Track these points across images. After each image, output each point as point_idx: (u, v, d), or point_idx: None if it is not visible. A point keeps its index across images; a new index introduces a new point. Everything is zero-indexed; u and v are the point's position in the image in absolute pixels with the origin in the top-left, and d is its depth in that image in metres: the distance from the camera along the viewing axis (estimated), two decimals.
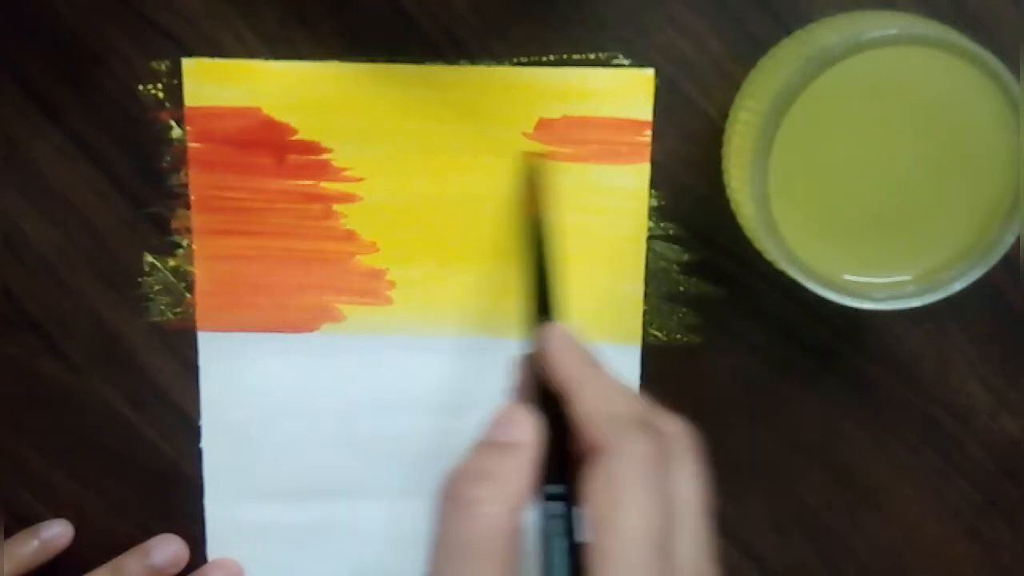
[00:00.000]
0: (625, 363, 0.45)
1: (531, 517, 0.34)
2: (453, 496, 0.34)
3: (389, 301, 0.46)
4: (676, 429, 0.36)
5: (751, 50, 0.42)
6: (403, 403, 0.46)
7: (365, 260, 0.45)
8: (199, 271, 0.45)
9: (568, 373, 0.36)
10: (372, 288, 0.45)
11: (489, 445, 0.35)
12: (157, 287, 0.46)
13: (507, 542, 0.33)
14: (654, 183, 0.44)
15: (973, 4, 0.42)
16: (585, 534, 0.33)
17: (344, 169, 0.44)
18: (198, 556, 0.47)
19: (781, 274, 0.38)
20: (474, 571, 0.33)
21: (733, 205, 0.41)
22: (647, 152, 0.44)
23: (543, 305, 0.39)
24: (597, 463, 0.33)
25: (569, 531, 0.34)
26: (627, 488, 0.33)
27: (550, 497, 0.35)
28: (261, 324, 0.46)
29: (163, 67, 0.44)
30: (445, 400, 0.46)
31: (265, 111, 0.44)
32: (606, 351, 0.45)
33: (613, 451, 0.33)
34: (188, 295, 0.46)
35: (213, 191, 0.45)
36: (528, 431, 0.35)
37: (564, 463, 0.35)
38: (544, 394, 0.37)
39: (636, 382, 0.46)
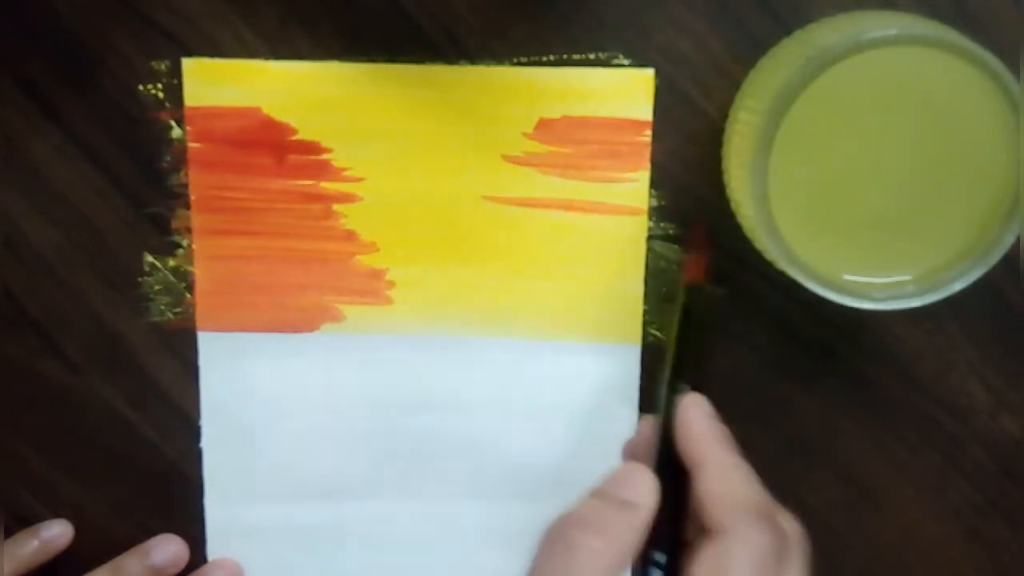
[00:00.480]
0: (625, 363, 0.45)
1: None
2: (563, 537, 0.34)
3: (389, 301, 0.45)
4: (794, 529, 0.35)
5: (751, 50, 0.42)
6: (403, 403, 0.46)
7: (365, 260, 0.45)
8: (199, 271, 0.45)
9: (699, 449, 0.36)
10: (372, 288, 0.45)
11: (605, 497, 0.35)
12: (157, 287, 0.46)
13: None
14: (654, 183, 0.44)
15: (973, 4, 0.42)
16: None
17: (344, 169, 0.44)
18: (198, 556, 0.47)
19: (781, 274, 0.38)
20: None
21: (733, 205, 0.41)
22: (647, 152, 0.44)
23: (680, 372, 0.39)
24: (711, 544, 0.33)
25: None
26: (737, 574, 0.33)
27: (653, 564, 0.35)
28: (261, 324, 0.46)
29: (163, 67, 0.44)
30: (445, 400, 0.46)
31: (265, 111, 0.44)
32: (606, 351, 0.45)
33: (731, 536, 0.33)
34: (188, 295, 0.46)
35: (213, 191, 0.45)
36: (648, 494, 0.35)
37: (672, 535, 0.35)
38: (668, 461, 0.36)
39: (636, 382, 0.46)
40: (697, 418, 0.37)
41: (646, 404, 0.46)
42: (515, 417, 0.46)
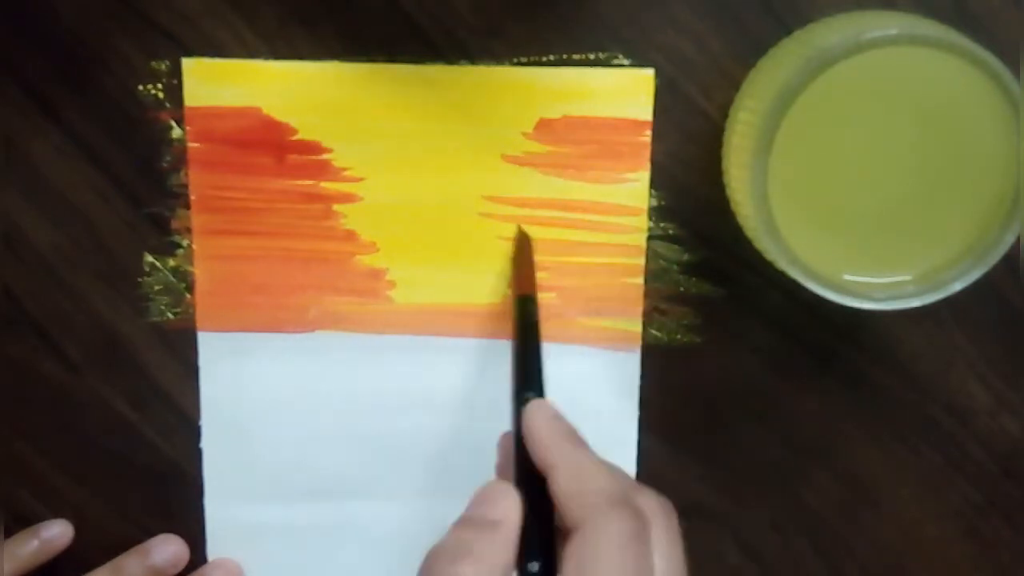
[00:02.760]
0: (625, 364, 0.45)
1: None
2: (433, 574, 0.34)
3: (389, 301, 0.46)
4: (654, 503, 0.35)
5: (751, 50, 0.42)
6: (403, 403, 0.46)
7: (365, 260, 0.45)
8: (199, 271, 0.45)
9: (548, 451, 0.36)
10: (372, 288, 0.45)
11: (470, 522, 0.35)
12: (157, 287, 0.46)
13: None
14: (654, 183, 0.44)
15: (973, 4, 0.42)
16: None
17: (344, 169, 0.44)
18: (198, 556, 0.47)
19: (781, 274, 0.38)
20: None
21: (733, 205, 0.41)
22: (647, 152, 0.44)
23: (527, 380, 0.39)
24: (572, 541, 0.33)
25: None
26: (600, 568, 0.32)
27: (530, 574, 0.34)
28: (261, 324, 0.46)
29: (163, 67, 0.44)
30: (445, 400, 0.46)
31: (265, 111, 0.44)
32: (606, 353, 0.45)
33: (588, 530, 0.33)
34: (188, 295, 0.46)
35: (213, 191, 0.45)
36: (509, 508, 0.35)
37: (544, 540, 0.35)
38: (528, 470, 0.36)
39: (636, 383, 0.46)
40: (539, 422, 0.37)
41: (645, 404, 0.46)
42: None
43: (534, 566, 0.34)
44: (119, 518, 0.48)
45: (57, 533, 0.47)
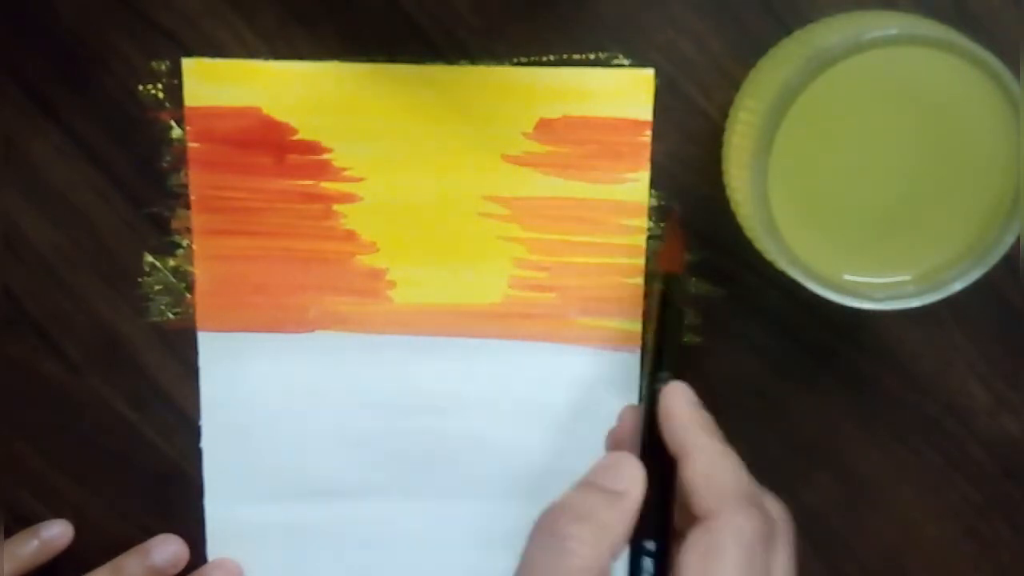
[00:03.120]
0: (625, 363, 0.45)
1: (620, 568, 0.35)
2: (551, 530, 0.34)
3: (389, 301, 0.46)
4: (781, 512, 0.36)
5: (751, 50, 0.42)
6: (403, 403, 0.46)
7: (365, 260, 0.45)
8: (199, 271, 0.45)
9: (684, 436, 0.36)
10: (372, 288, 0.45)
11: (593, 487, 0.35)
12: (157, 287, 0.46)
13: None
14: (654, 183, 0.44)
15: (973, 4, 0.42)
16: None
17: (344, 169, 0.44)
18: (198, 556, 0.47)
19: (781, 274, 0.38)
20: None
21: (733, 205, 0.41)
22: (647, 152, 0.44)
23: (662, 360, 0.39)
24: (701, 530, 0.33)
25: None
26: (727, 563, 0.33)
27: (643, 553, 0.35)
28: (261, 324, 0.46)
29: (163, 67, 0.44)
30: (445, 400, 0.46)
31: (265, 111, 0.44)
32: (606, 351, 0.45)
33: (719, 522, 0.33)
34: (188, 295, 0.46)
35: (213, 191, 0.45)
36: (635, 482, 0.35)
37: (661, 522, 0.35)
38: (653, 449, 0.37)
39: (636, 382, 0.46)
40: (680, 405, 0.37)
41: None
42: (515, 417, 0.46)
43: (651, 545, 0.35)
44: (119, 518, 0.48)
45: (57, 533, 0.47)
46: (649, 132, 0.44)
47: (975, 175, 0.38)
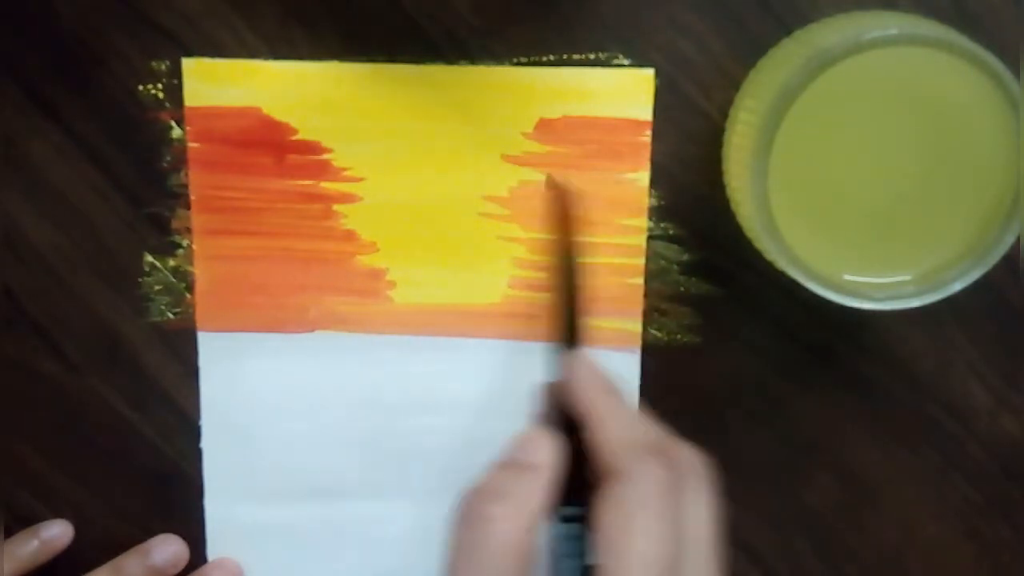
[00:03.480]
0: (625, 364, 0.45)
1: (545, 537, 0.36)
2: (468, 513, 0.35)
3: (389, 301, 0.46)
4: (691, 458, 0.36)
5: (751, 50, 0.42)
6: (403, 403, 0.46)
7: (365, 260, 0.45)
8: (199, 271, 0.45)
9: (588, 401, 0.37)
10: (372, 288, 0.45)
11: (508, 465, 0.37)
12: (157, 287, 0.46)
13: (520, 560, 0.34)
14: (654, 183, 0.44)
15: (973, 4, 0.42)
16: (595, 557, 0.33)
17: (344, 169, 0.44)
18: (198, 556, 0.47)
19: (781, 274, 0.38)
20: None
21: (733, 205, 0.41)
22: (647, 152, 0.44)
23: (568, 332, 0.40)
24: (610, 488, 0.34)
25: (581, 553, 0.35)
26: (638, 515, 0.33)
27: (565, 519, 0.36)
28: (261, 324, 0.46)
29: (163, 67, 0.44)
30: (445, 400, 0.46)
31: (265, 111, 0.44)
32: (606, 352, 0.45)
33: (626, 477, 0.34)
34: (188, 295, 0.46)
35: (213, 191, 0.45)
36: (546, 453, 0.36)
37: (581, 487, 0.36)
38: (566, 419, 0.38)
39: (636, 383, 0.46)
40: (582, 374, 0.38)
41: (645, 404, 0.46)
42: (515, 417, 0.46)
43: (570, 510, 0.36)
44: (119, 518, 0.48)
45: (57, 533, 0.47)
46: (649, 132, 0.44)
47: (975, 175, 0.38)
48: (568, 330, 0.40)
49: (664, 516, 0.34)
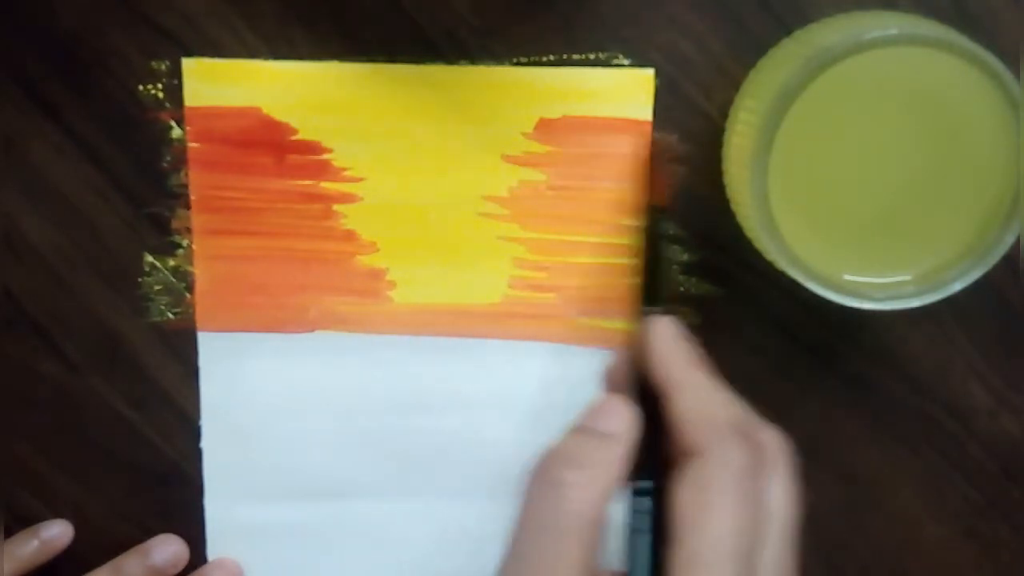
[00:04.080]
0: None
1: (618, 509, 0.35)
2: (544, 477, 0.35)
3: (389, 301, 0.46)
4: (774, 440, 0.36)
5: (751, 50, 0.42)
6: (403, 403, 0.46)
7: (365, 260, 0.45)
8: (199, 271, 0.45)
9: (671, 371, 0.36)
10: (372, 288, 0.45)
11: (585, 432, 0.36)
12: (157, 287, 0.46)
13: (591, 528, 0.34)
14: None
15: (973, 4, 0.42)
16: (671, 534, 0.33)
17: (344, 169, 0.44)
18: (198, 556, 0.47)
19: (781, 274, 0.38)
20: (556, 551, 0.33)
21: (733, 205, 0.41)
22: (647, 152, 0.44)
23: (650, 296, 0.39)
24: (691, 465, 0.34)
25: (655, 528, 0.34)
26: (718, 494, 0.33)
27: (639, 492, 0.35)
28: (261, 324, 0.46)
29: (163, 67, 0.44)
30: (445, 400, 0.46)
31: (265, 111, 0.44)
32: (606, 353, 0.45)
33: (708, 455, 0.34)
34: (188, 295, 0.46)
35: (213, 191, 0.45)
36: (625, 423, 0.36)
37: (655, 460, 0.35)
38: (642, 387, 0.37)
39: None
40: (666, 340, 0.37)
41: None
42: (515, 417, 0.46)
43: (645, 484, 0.35)
44: (119, 518, 0.48)
45: (57, 533, 0.47)
46: (649, 132, 0.44)
47: (975, 175, 0.38)
48: (649, 294, 0.39)
49: (743, 500, 0.33)
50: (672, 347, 0.37)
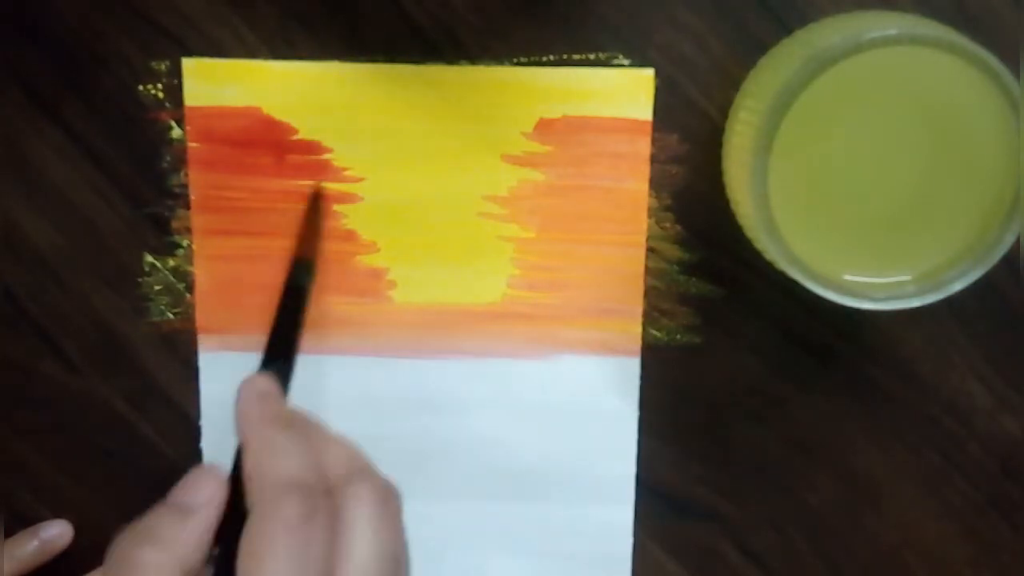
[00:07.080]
0: (625, 366, 0.45)
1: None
2: (121, 557, 0.34)
3: (389, 301, 0.46)
4: (362, 491, 0.35)
5: (751, 50, 0.42)
6: (403, 404, 0.46)
7: (365, 260, 0.45)
8: (199, 271, 0.45)
9: (243, 430, 0.36)
10: (372, 288, 0.45)
11: (166, 507, 0.35)
12: (157, 287, 0.46)
13: None
14: (654, 183, 0.44)
15: (973, 4, 0.42)
16: None
17: (344, 169, 0.44)
18: None
19: (781, 274, 0.38)
20: None
21: (733, 205, 0.41)
22: (647, 152, 0.44)
23: (271, 351, 0.39)
24: (247, 523, 0.34)
25: None
26: (268, 545, 0.33)
27: (213, 557, 0.35)
28: (261, 324, 0.46)
29: (163, 67, 0.44)
30: (445, 401, 0.46)
31: (265, 111, 0.44)
32: (606, 354, 0.45)
33: (259, 510, 0.34)
34: (188, 295, 0.46)
35: (213, 191, 0.45)
36: (208, 494, 0.35)
37: (236, 522, 0.35)
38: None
39: (636, 383, 0.46)
40: (247, 400, 0.37)
41: (645, 404, 0.46)
42: (514, 418, 0.46)
43: (214, 550, 0.35)
44: (119, 518, 0.47)
45: (57, 533, 0.47)
46: (649, 132, 0.44)
47: (975, 175, 0.38)
48: (271, 348, 0.39)
49: (293, 551, 0.33)
50: (249, 406, 0.37)
